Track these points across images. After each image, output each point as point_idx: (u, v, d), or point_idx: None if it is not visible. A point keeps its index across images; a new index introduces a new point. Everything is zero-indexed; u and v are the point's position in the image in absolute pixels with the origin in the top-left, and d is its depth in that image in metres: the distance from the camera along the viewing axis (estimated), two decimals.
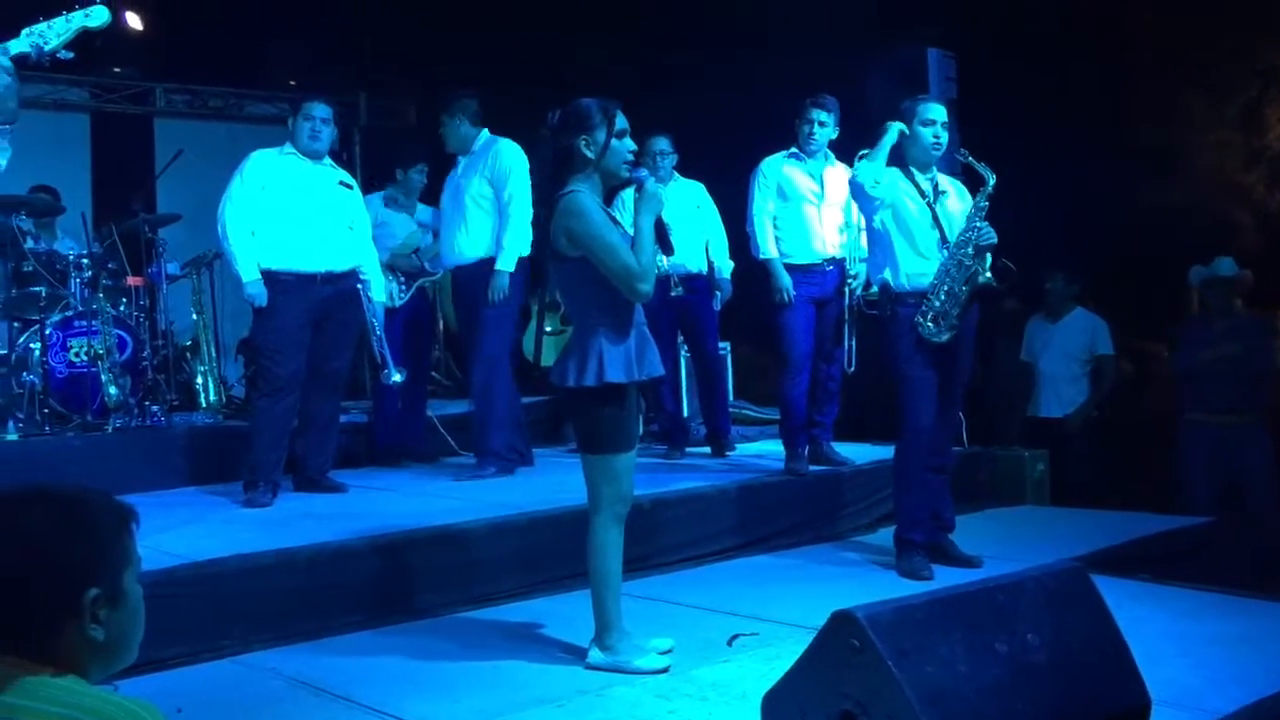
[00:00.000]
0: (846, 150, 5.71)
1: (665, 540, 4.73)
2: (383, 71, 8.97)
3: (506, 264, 5.52)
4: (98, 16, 3.20)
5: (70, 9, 3.18)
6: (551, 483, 5.27)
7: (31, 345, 5.87)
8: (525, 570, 4.33)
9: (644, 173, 3.54)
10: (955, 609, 2.45)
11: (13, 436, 5.54)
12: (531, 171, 5.51)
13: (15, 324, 6.11)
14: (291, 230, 5.16)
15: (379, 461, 6.23)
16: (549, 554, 4.33)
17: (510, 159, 5.64)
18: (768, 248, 5.57)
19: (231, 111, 8.99)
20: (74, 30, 3.19)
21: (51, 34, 3.15)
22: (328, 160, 5.39)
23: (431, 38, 8.36)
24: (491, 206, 5.62)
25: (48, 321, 5.87)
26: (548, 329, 7.52)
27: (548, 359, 7.29)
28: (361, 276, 5.46)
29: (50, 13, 3.20)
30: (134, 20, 8.14)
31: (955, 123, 5.82)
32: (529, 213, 5.43)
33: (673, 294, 5.97)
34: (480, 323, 5.63)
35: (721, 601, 4.16)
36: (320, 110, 5.23)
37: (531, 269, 5.80)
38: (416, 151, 6.51)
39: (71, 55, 3.24)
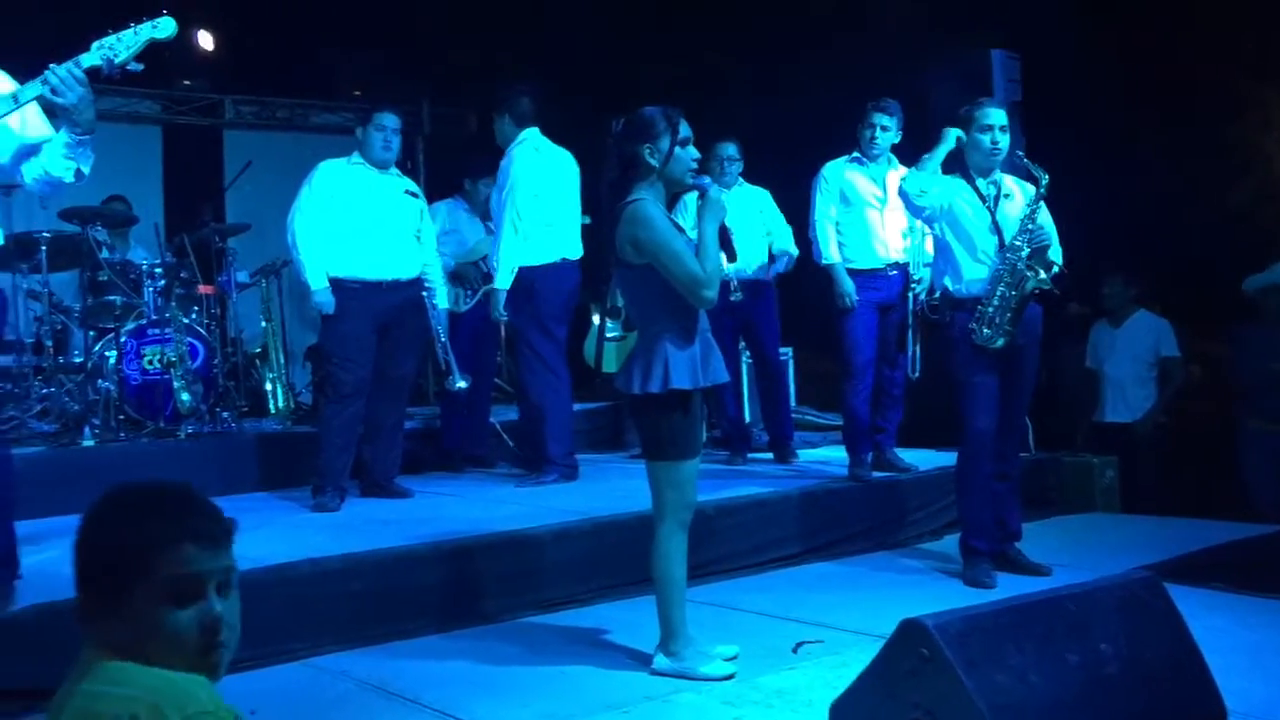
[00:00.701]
0: (910, 154, 5.70)
1: (728, 546, 4.73)
2: (445, 79, 9.06)
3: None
4: (165, 28, 3.23)
5: (138, 21, 3.22)
6: (615, 489, 5.29)
7: (107, 353, 6.02)
8: (590, 576, 4.36)
9: (707, 180, 3.56)
10: (1026, 618, 2.43)
11: (89, 442, 5.68)
12: (588, 179, 5.59)
13: (91, 332, 6.27)
14: (359, 239, 5.25)
15: (445, 467, 6.29)
16: (613, 560, 4.36)
17: (506, 167, 5.62)
18: (830, 253, 5.56)
19: (298, 122, 9.14)
20: (142, 42, 3.21)
21: (121, 46, 3.18)
22: (394, 169, 5.47)
23: (494, 45, 8.42)
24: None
25: (122, 330, 6.02)
26: (609, 335, 7.54)
27: (609, 365, 7.33)
28: (426, 284, 5.54)
29: (118, 25, 3.24)
30: (205, 39, 8.32)
31: (1019, 125, 5.79)
32: (513, 224, 5.47)
33: (733, 298, 5.97)
34: (516, 332, 5.71)
35: (786, 608, 4.15)
36: (391, 121, 5.31)
37: (589, 274, 5.83)
38: (486, 163, 6.57)
39: (141, 67, 3.28)
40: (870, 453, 5.57)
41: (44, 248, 6.07)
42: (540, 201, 5.57)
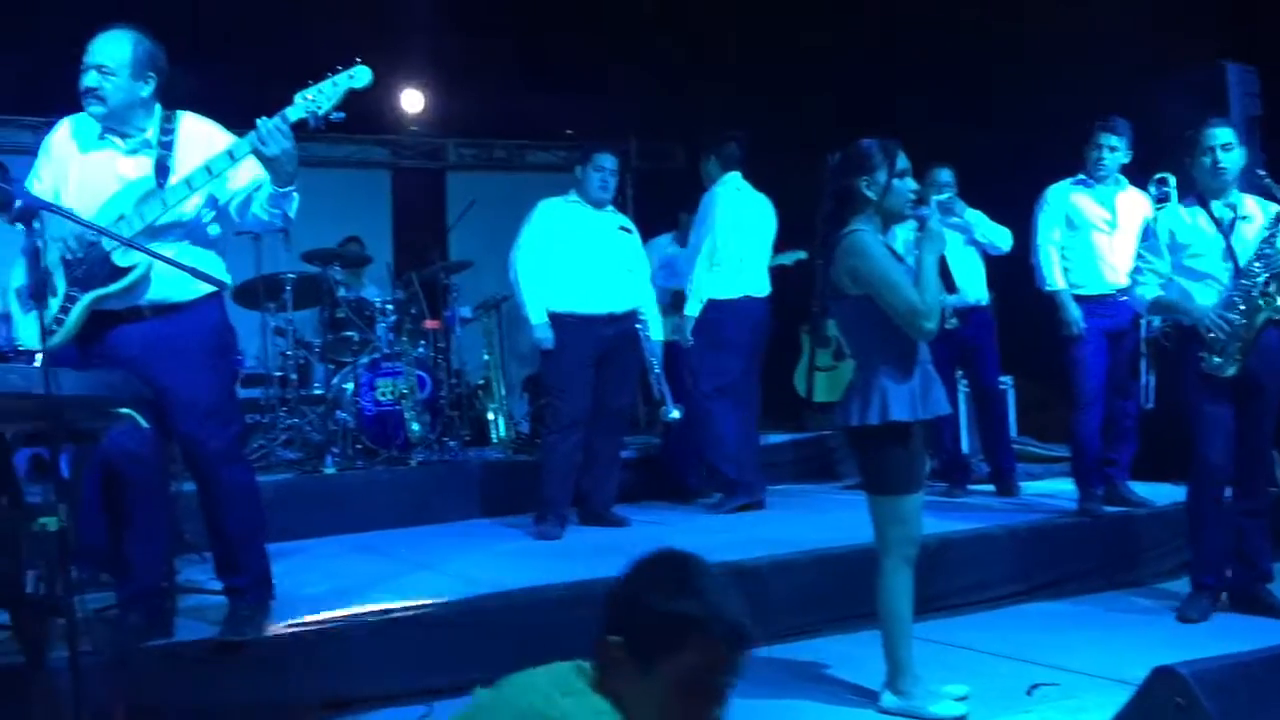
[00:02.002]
0: (1137, 175, 5.46)
1: (951, 582, 4.61)
2: (653, 114, 9.24)
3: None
4: (361, 77, 3.35)
5: (334, 72, 3.34)
6: (832, 520, 5.24)
7: (344, 386, 6.40)
8: (810, 608, 4.32)
9: (927, 211, 3.52)
10: None
11: (331, 470, 6.04)
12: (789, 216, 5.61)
13: (330, 366, 6.68)
14: (576, 274, 5.41)
15: (666, 496, 6.36)
16: (834, 593, 4.31)
17: (709, 204, 5.87)
18: (1054, 279, 5.37)
19: (515, 162, 9.52)
20: (342, 92, 3.34)
21: (322, 98, 3.33)
22: (609, 206, 5.62)
23: (701, 79, 8.55)
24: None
25: (358, 363, 6.38)
26: (819, 365, 7.49)
27: (819, 394, 7.28)
28: (640, 317, 5.65)
29: (317, 76, 3.36)
30: (415, 99, 8.75)
31: (1258, 141, 5.45)
32: (709, 258, 5.75)
33: (949, 326, 5.82)
34: (698, 360, 5.84)
35: (1015, 648, 4.02)
36: (610, 162, 5.48)
37: (799, 306, 5.84)
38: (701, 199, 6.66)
39: (343, 116, 3.41)
40: (1101, 487, 5.33)
41: (289, 287, 6.51)
42: (736, 240, 5.80)
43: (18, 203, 3.19)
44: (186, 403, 3.39)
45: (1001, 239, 5.78)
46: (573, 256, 5.43)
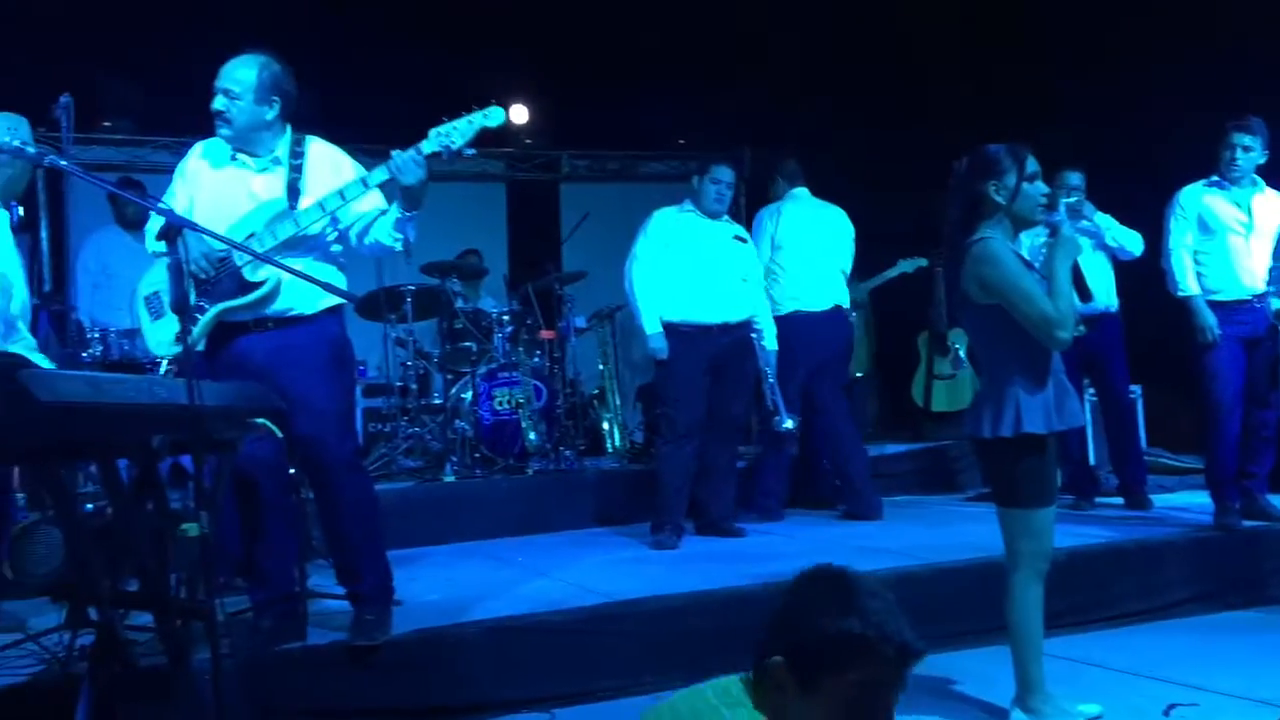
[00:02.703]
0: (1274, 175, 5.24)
1: (1081, 598, 4.47)
2: (766, 124, 9.19)
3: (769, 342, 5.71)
4: (495, 117, 3.50)
5: (469, 110, 3.49)
6: (953, 533, 5.16)
7: (463, 395, 6.52)
8: (933, 622, 4.20)
9: (1059, 216, 3.42)
10: None
11: (450, 478, 6.15)
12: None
13: (449, 376, 6.80)
14: (691, 284, 5.42)
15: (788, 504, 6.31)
16: (958, 607, 4.22)
17: (753, 226, 6.07)
18: (1187, 284, 5.19)
19: (627, 173, 9.56)
20: (475, 130, 3.48)
21: (456, 135, 3.47)
22: (724, 216, 5.62)
23: (813, 87, 8.48)
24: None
25: (476, 373, 6.49)
26: (938, 373, 7.36)
27: (938, 404, 7.15)
28: (755, 326, 5.63)
29: (452, 114, 3.51)
30: (519, 113, 8.87)
31: None
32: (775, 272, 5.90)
33: (1076, 333, 5.66)
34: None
35: (1150, 666, 3.88)
36: (726, 175, 5.48)
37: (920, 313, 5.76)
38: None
39: (474, 153, 3.56)
40: (1238, 500, 5.12)
41: (409, 299, 6.66)
42: (793, 255, 5.95)
43: (156, 220, 3.33)
44: (308, 412, 3.49)
45: (1132, 243, 5.61)
46: (687, 266, 5.44)
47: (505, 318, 6.77)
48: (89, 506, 4.60)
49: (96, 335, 5.62)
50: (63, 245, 7.31)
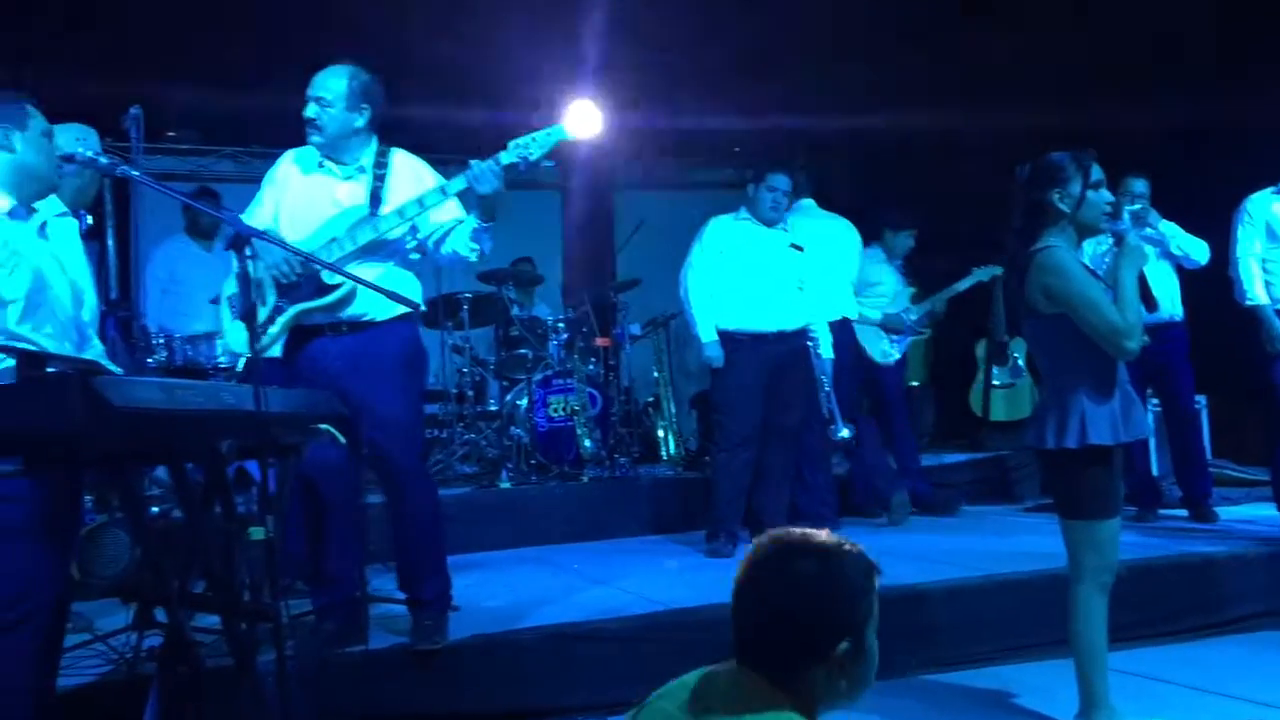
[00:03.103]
0: None
1: (1146, 611, 4.39)
2: (818, 133, 9.15)
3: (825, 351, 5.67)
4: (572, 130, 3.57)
5: (549, 124, 3.55)
6: (1011, 544, 5.10)
7: (518, 402, 6.55)
8: (989, 635, 4.19)
9: (1124, 224, 3.38)
10: None
11: (506, 485, 6.19)
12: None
13: (504, 382, 6.84)
14: (746, 292, 5.41)
15: (855, 512, 6.29)
16: (1014, 619, 4.18)
17: None
18: (1255, 292, 5.11)
19: (682, 180, 9.56)
20: (554, 142, 3.54)
21: (535, 146, 3.52)
22: (780, 224, 5.60)
23: (873, 95, 8.43)
24: None
25: (531, 380, 6.52)
26: (996, 382, 7.28)
27: (997, 413, 7.08)
28: (811, 334, 5.61)
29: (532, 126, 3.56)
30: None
31: None
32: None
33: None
34: None
35: (1216, 682, 3.81)
36: (783, 183, 5.47)
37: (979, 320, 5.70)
38: (905, 215, 6.55)
39: (552, 164, 3.59)
40: None
41: (465, 307, 6.71)
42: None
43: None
44: (378, 417, 3.54)
45: (1198, 252, 5.51)
46: (743, 274, 5.43)
47: (560, 325, 6.80)
48: (154, 510, 4.70)
49: (161, 341, 5.73)
50: (128, 252, 7.47)
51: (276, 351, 3.69)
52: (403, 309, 3.55)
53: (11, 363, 2.41)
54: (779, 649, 1.71)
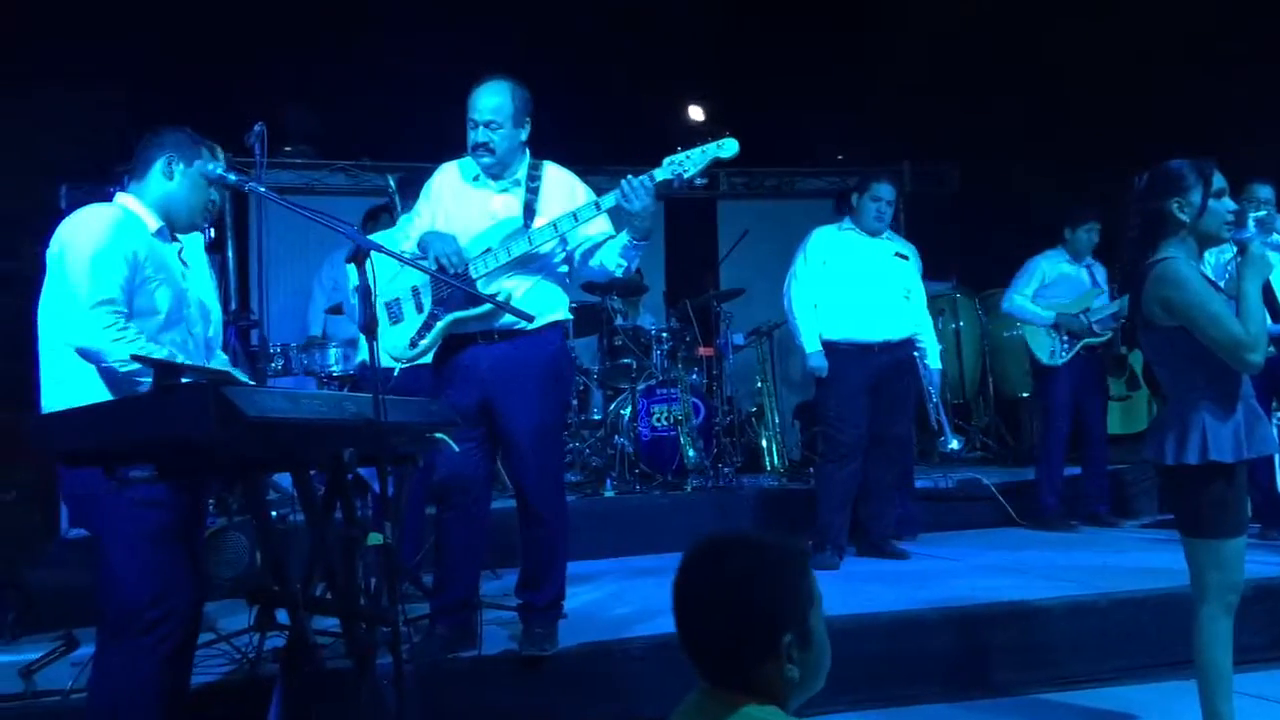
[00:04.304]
0: None
1: (1274, 633, 4.25)
2: (926, 136, 9.04)
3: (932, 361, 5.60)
4: (729, 148, 3.49)
5: (704, 141, 3.50)
6: (1126, 561, 4.97)
7: (622, 411, 6.59)
8: (1109, 654, 4.09)
9: (1248, 233, 3.27)
10: None
11: (610, 493, 6.23)
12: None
13: (608, 392, 6.89)
14: (851, 302, 5.38)
15: (1043, 524, 6.20)
16: (1135, 639, 4.08)
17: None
18: None
19: (784, 189, 9.53)
20: (708, 160, 3.50)
21: (690, 164, 3.50)
22: (885, 232, 5.55)
23: (975, 100, 8.30)
24: None
25: (635, 390, 6.55)
26: (1113, 395, 7.09)
27: (1113, 426, 6.89)
28: (918, 344, 5.54)
29: (687, 144, 3.53)
30: (695, 112, 8.93)
31: None
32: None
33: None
34: None
35: None
36: (887, 192, 5.42)
37: None
38: (1085, 210, 6.38)
39: (705, 181, 3.58)
40: None
41: (570, 316, 6.75)
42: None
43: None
44: (520, 424, 3.63)
45: None
46: (846, 284, 5.40)
47: (664, 334, 6.83)
48: (272, 514, 4.84)
49: (278, 350, 5.91)
50: (246, 263, 7.72)
51: (428, 358, 3.79)
52: (553, 318, 3.66)
53: (149, 373, 2.52)
54: (726, 653, 1.70)
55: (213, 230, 4.23)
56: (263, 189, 3.10)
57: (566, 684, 3.70)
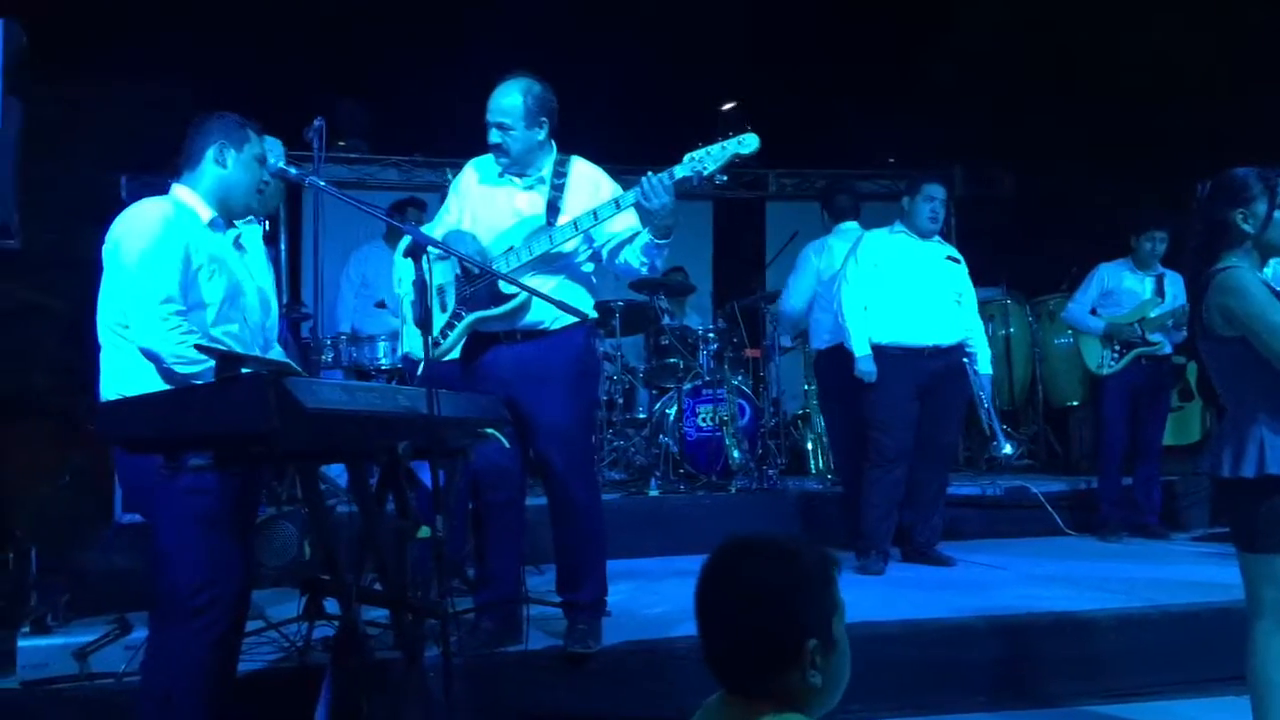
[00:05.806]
0: None
1: None
2: (977, 139, 8.96)
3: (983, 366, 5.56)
4: (749, 144, 3.45)
5: (725, 137, 3.45)
6: (1178, 573, 4.89)
7: (668, 411, 6.60)
8: (1161, 668, 4.03)
9: None
10: None
11: (654, 493, 6.24)
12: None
13: (654, 391, 6.89)
14: (901, 306, 5.34)
15: (1099, 531, 6.17)
16: (1188, 653, 4.01)
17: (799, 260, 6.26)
18: None
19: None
20: (728, 157, 3.45)
21: (709, 160, 3.46)
22: (935, 236, 5.51)
23: (1028, 103, 8.22)
24: None
25: (681, 390, 6.56)
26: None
27: (1167, 437, 6.78)
28: (968, 349, 5.49)
29: (708, 139, 3.50)
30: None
31: None
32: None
33: None
34: None
35: None
36: (939, 192, 5.39)
37: None
38: (1149, 219, 6.29)
39: (725, 179, 3.55)
40: None
41: (617, 315, 6.79)
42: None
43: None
44: (545, 423, 3.63)
45: None
46: (897, 288, 5.36)
47: (711, 335, 6.82)
48: None
49: (328, 342, 5.98)
50: (299, 256, 7.82)
51: (455, 354, 3.81)
52: (575, 317, 3.63)
53: (211, 363, 2.56)
54: (749, 660, 1.68)
55: (268, 223, 4.29)
56: (322, 183, 3.14)
57: (611, 681, 3.71)
